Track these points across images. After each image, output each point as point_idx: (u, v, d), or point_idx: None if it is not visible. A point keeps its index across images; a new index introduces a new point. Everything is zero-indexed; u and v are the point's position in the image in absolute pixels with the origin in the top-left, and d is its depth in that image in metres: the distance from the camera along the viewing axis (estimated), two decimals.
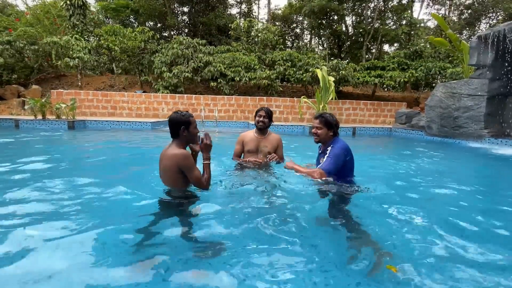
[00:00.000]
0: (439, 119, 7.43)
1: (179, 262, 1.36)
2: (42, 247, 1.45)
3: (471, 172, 4.22)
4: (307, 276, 1.28)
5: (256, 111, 2.95)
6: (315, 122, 2.36)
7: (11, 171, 2.96)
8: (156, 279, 1.23)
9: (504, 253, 1.53)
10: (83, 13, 12.60)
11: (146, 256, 1.42)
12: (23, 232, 1.59)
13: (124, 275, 1.25)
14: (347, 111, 11.88)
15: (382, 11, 17.37)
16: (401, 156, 5.41)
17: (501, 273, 1.35)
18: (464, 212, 2.23)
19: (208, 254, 1.46)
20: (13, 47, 11.22)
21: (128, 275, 1.25)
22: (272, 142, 2.95)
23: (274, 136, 3.00)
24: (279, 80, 12.66)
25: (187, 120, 2.00)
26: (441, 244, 1.62)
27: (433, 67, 12.06)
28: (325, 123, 2.31)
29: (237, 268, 1.31)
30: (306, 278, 1.26)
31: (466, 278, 1.31)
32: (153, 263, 1.35)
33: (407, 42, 15.81)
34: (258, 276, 1.26)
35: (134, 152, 4.75)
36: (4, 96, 11.30)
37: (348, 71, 11.82)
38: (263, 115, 2.88)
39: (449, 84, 7.32)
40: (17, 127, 7.76)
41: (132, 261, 1.37)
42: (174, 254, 1.43)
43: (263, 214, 1.89)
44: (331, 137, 2.35)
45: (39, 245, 1.47)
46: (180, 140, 2.02)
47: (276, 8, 22.15)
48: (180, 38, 12.22)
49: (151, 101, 11.28)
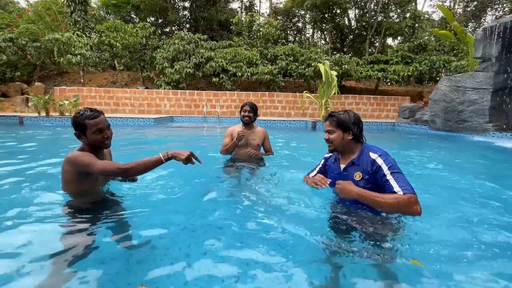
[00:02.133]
0: (443, 113, 7.36)
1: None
2: (40, 243, 1.48)
3: (476, 166, 4.19)
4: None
5: (241, 106, 2.99)
6: (326, 125, 1.78)
7: (17, 167, 2.99)
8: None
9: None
10: (84, 9, 12.57)
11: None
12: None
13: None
14: (350, 105, 11.80)
15: (385, 4, 17.12)
16: (404, 150, 5.38)
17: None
18: (472, 207, 2.23)
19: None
20: (15, 45, 11.26)
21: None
22: (259, 135, 3.05)
23: (260, 130, 3.11)
24: (281, 75, 12.60)
25: (83, 124, 1.61)
26: (445, 239, 1.62)
27: (437, 60, 11.92)
28: (338, 123, 1.70)
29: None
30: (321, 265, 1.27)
31: (473, 276, 1.31)
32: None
33: (411, 35, 15.61)
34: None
35: (136, 147, 4.77)
36: (8, 93, 11.37)
37: (351, 66, 11.72)
38: (247, 110, 2.92)
39: (454, 77, 7.23)
40: (21, 123, 7.82)
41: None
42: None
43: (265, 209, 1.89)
44: (353, 143, 1.72)
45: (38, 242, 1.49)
46: (83, 145, 1.69)
47: (278, 2, 21.94)
48: (181, 33, 12.17)
49: (153, 97, 11.29)
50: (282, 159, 3.54)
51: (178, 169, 2.37)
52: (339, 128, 1.71)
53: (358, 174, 1.62)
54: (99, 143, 1.66)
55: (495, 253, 1.47)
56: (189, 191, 2.26)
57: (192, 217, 1.79)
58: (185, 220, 1.72)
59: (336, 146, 1.73)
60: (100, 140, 1.65)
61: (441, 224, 1.78)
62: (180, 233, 1.57)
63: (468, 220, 1.91)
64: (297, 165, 3.12)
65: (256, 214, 1.81)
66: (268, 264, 1.29)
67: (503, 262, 1.39)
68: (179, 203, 2.02)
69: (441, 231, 1.70)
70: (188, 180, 2.47)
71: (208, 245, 1.45)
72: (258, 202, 2.01)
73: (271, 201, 2.02)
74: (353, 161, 1.69)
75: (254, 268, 1.26)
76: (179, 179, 2.48)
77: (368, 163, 1.61)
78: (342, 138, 1.70)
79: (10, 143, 4.79)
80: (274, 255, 1.37)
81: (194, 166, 1.63)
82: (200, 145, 5.29)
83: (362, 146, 1.73)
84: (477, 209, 2.12)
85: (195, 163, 1.61)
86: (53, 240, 1.45)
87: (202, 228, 1.63)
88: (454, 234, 1.69)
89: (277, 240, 1.51)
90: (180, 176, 2.53)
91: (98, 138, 1.64)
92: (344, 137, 1.70)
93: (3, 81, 11.79)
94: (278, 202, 2.00)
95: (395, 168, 1.57)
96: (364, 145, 1.73)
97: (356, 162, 1.67)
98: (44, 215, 1.69)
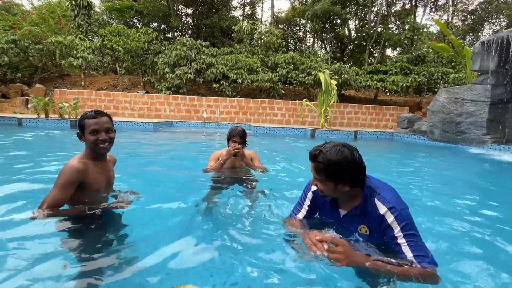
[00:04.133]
0: (441, 124, 7.41)
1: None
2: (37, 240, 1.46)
3: (473, 178, 4.20)
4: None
5: (229, 133, 2.59)
6: (312, 169, 1.28)
7: (16, 167, 2.97)
8: None
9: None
10: (88, 13, 12.71)
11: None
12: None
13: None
14: (349, 114, 11.87)
15: (385, 16, 17.41)
16: (402, 161, 5.39)
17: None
18: (469, 221, 2.22)
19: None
20: (18, 46, 11.33)
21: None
22: (247, 158, 2.77)
23: (248, 153, 2.80)
24: (281, 82, 12.70)
25: (82, 123, 1.59)
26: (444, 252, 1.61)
27: (435, 72, 12.07)
28: (327, 175, 1.20)
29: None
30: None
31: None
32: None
33: (410, 46, 15.83)
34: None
35: (135, 150, 4.76)
36: (8, 94, 11.38)
37: (351, 75, 11.84)
38: (237, 141, 2.54)
39: (452, 89, 7.31)
40: (20, 125, 7.80)
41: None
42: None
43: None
44: (352, 190, 1.25)
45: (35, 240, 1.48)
46: (85, 149, 1.64)
47: (280, 11, 22.29)
48: (183, 39, 12.30)
49: (153, 102, 11.32)
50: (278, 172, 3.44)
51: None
52: (330, 180, 1.21)
53: (364, 228, 1.25)
54: (93, 145, 1.59)
55: (492, 267, 1.46)
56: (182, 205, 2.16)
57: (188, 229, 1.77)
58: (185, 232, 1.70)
59: (330, 196, 1.31)
60: (93, 141, 1.57)
61: (435, 235, 1.77)
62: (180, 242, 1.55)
63: (461, 232, 1.90)
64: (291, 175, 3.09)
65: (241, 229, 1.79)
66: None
67: (500, 277, 1.38)
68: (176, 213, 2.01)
69: (436, 243, 1.69)
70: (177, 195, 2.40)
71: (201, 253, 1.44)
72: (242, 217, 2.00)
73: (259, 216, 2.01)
74: (354, 209, 1.28)
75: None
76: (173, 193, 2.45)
77: (375, 217, 1.20)
78: (334, 190, 1.24)
79: (8, 144, 4.77)
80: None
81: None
82: (195, 155, 5.28)
83: (365, 189, 1.25)
84: (469, 221, 2.12)
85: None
86: (48, 247, 1.43)
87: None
88: (446, 245, 1.68)
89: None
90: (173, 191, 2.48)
91: (91, 139, 1.57)
92: (338, 188, 1.22)
93: (4, 82, 11.82)
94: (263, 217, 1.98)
95: (410, 227, 1.14)
96: (368, 188, 1.25)
97: (359, 213, 1.26)
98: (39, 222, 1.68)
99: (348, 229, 1.31)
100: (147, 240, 1.59)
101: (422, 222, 1.96)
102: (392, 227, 1.14)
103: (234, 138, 2.54)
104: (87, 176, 1.56)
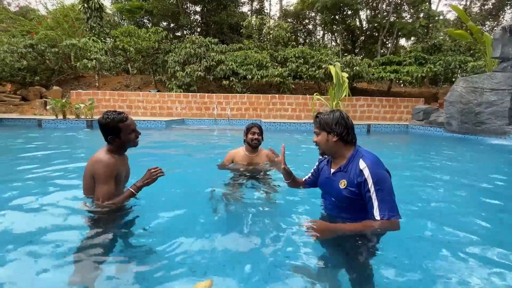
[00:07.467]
0: (460, 115, 7.13)
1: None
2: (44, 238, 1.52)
3: (495, 170, 4.03)
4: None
5: (247, 128, 2.62)
6: (314, 129, 1.60)
7: (37, 166, 3.11)
8: None
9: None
10: (100, 15, 12.97)
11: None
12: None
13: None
14: (362, 107, 11.62)
15: (398, 4, 16.81)
16: (418, 153, 5.24)
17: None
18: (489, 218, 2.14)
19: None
20: (35, 50, 11.75)
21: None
22: (263, 159, 2.70)
23: (265, 152, 2.72)
24: (291, 77, 12.56)
25: (116, 127, 1.66)
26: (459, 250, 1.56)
27: (453, 61, 11.57)
28: (321, 125, 1.52)
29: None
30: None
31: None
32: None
33: (425, 35, 15.24)
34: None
35: (148, 149, 4.86)
36: (28, 97, 11.85)
37: (363, 67, 11.55)
38: (257, 132, 2.57)
39: (471, 78, 7.00)
40: (40, 126, 8.13)
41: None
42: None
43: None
44: (341, 146, 1.50)
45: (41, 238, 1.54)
46: (112, 146, 1.72)
47: (288, 4, 21.99)
48: (192, 37, 12.36)
49: (165, 100, 11.49)
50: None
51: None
52: (323, 130, 1.51)
53: (343, 182, 1.44)
54: (133, 142, 1.77)
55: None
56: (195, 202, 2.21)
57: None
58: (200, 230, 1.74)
59: (324, 149, 1.55)
60: (133, 139, 1.76)
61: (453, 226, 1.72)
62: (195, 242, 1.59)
63: (482, 226, 1.83)
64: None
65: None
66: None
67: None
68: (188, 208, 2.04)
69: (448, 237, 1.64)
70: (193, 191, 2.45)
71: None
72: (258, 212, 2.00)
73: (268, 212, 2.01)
74: (340, 167, 1.49)
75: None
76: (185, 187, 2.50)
77: (356, 172, 1.40)
78: (326, 140, 1.50)
79: (30, 144, 4.98)
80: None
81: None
82: (211, 156, 5.32)
83: (354, 151, 1.48)
84: (493, 216, 2.04)
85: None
86: (69, 243, 1.50)
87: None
88: (465, 240, 1.63)
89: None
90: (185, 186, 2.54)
91: (132, 137, 1.74)
92: (329, 139, 1.49)
93: (24, 86, 12.30)
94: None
95: (382, 184, 1.33)
96: (358, 150, 1.48)
97: (343, 169, 1.47)
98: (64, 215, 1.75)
99: (333, 184, 1.52)
100: (161, 233, 1.67)
101: (453, 218, 1.90)
102: (367, 181, 1.35)
103: (253, 129, 2.59)
104: (119, 169, 1.71)
